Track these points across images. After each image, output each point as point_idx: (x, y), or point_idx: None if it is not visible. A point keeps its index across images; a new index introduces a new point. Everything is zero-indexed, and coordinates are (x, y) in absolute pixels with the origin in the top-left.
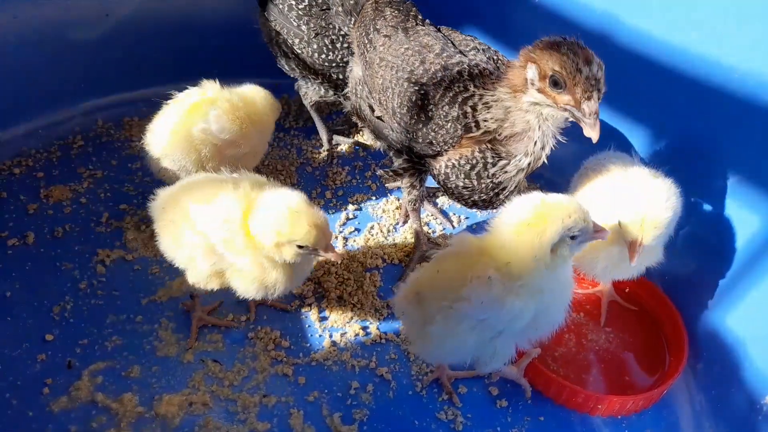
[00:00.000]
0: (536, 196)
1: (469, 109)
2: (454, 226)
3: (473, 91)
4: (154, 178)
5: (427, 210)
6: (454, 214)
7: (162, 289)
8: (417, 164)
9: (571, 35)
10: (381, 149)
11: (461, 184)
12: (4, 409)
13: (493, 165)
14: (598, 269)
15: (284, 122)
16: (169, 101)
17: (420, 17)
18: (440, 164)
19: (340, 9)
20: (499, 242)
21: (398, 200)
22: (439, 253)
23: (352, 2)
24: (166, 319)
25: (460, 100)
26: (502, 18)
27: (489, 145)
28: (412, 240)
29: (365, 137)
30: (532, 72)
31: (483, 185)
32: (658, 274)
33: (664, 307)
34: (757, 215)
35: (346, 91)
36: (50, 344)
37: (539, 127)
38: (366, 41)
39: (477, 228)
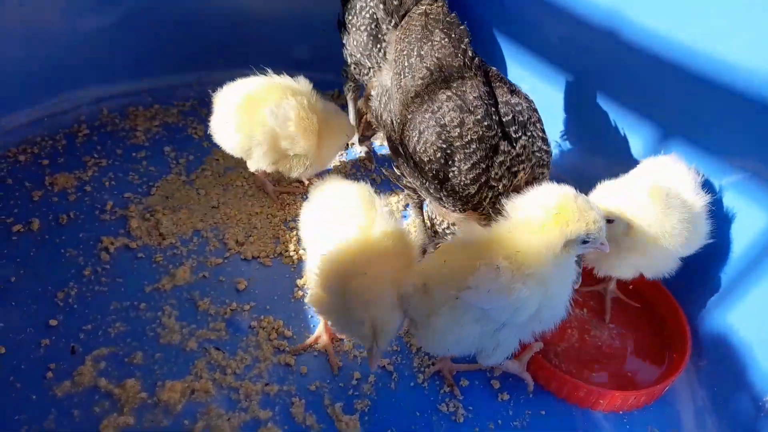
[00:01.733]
0: (570, 191)
1: (485, 195)
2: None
3: (498, 186)
4: (158, 168)
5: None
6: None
7: (166, 278)
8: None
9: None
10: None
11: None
12: (8, 393)
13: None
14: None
15: None
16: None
17: (470, 53)
18: (444, 219)
19: (381, 7)
20: (509, 226)
21: (402, 193)
22: (447, 242)
23: (396, 2)
24: (169, 306)
25: (482, 180)
26: (510, 15)
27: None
28: (416, 234)
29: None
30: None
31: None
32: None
33: (668, 304)
34: (762, 214)
35: (370, 92)
36: (54, 329)
37: None
38: (406, 63)
39: None
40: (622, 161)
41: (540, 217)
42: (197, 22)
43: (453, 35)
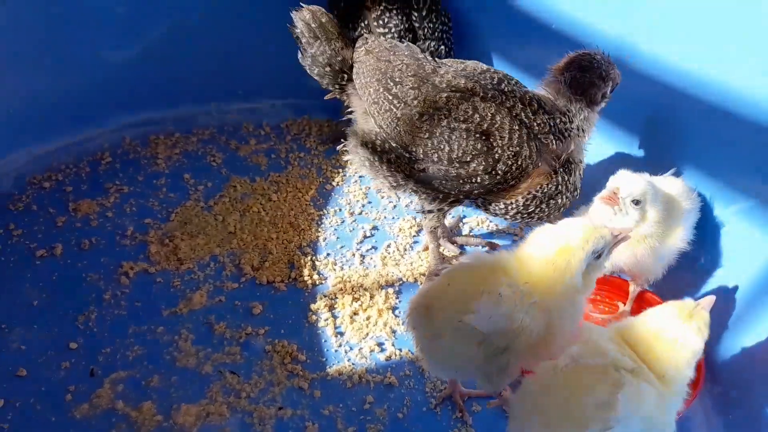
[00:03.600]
0: (549, 234)
1: (537, 146)
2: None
3: (540, 121)
4: (177, 194)
5: (448, 248)
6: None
7: (183, 302)
8: (460, 200)
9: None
10: (407, 194)
11: (539, 208)
12: (28, 414)
13: (572, 174)
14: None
15: (305, 142)
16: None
17: (429, 58)
18: (514, 199)
19: (327, 69)
20: (523, 268)
21: (414, 219)
22: (451, 267)
23: (339, 59)
24: (186, 330)
25: (525, 137)
26: (517, 43)
27: (560, 167)
28: (428, 259)
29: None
30: (606, 86)
31: (566, 199)
32: (674, 297)
33: None
34: None
35: (343, 145)
36: (74, 352)
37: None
38: (390, 96)
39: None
40: None
41: (546, 272)
42: (216, 53)
43: (405, 53)
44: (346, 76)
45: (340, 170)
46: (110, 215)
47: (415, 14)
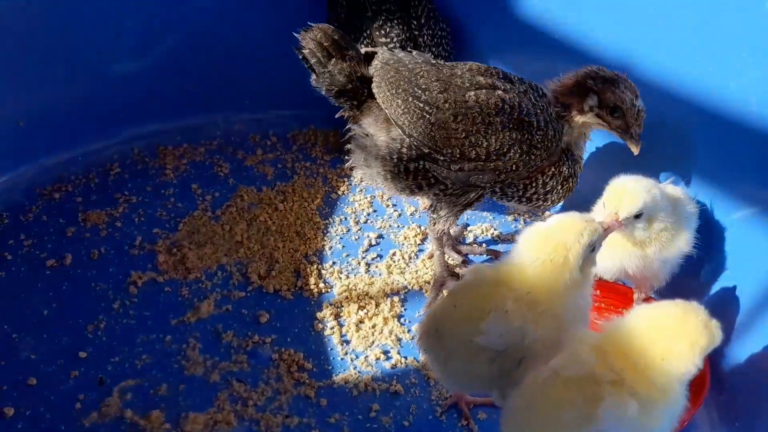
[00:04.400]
0: (541, 232)
1: (563, 126)
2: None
3: (551, 112)
4: (185, 204)
5: (453, 257)
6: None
7: (191, 311)
8: (470, 203)
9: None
10: (423, 206)
11: (554, 191)
12: (37, 423)
13: (577, 163)
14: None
15: (311, 152)
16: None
17: (443, 62)
18: (536, 180)
19: (349, 87)
20: (521, 277)
21: (419, 227)
22: (454, 286)
23: (359, 75)
24: (193, 339)
25: (552, 117)
26: (522, 49)
27: (566, 156)
28: (433, 267)
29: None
30: (592, 100)
31: (573, 184)
32: None
33: None
34: None
35: (351, 163)
36: (83, 361)
37: (583, 137)
38: (420, 104)
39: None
40: None
41: (542, 271)
42: (224, 65)
43: (419, 60)
44: (366, 91)
45: (346, 179)
46: (119, 225)
47: (414, 22)
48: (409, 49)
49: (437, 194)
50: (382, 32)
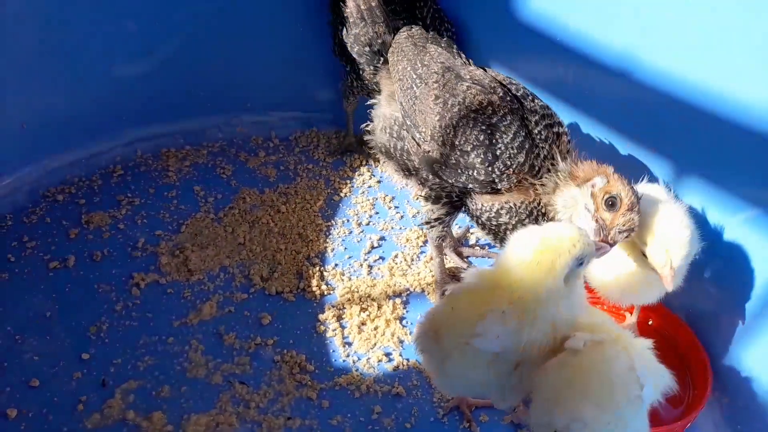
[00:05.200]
0: (535, 233)
1: (537, 162)
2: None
3: (547, 148)
4: (187, 206)
5: (454, 260)
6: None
7: (193, 313)
8: (455, 203)
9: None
10: (411, 187)
11: (509, 223)
12: (40, 424)
13: (544, 217)
14: (619, 294)
15: (314, 154)
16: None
17: (464, 56)
18: (493, 203)
19: (366, 49)
20: (508, 278)
21: (421, 229)
22: (452, 289)
23: (380, 42)
24: (196, 341)
25: (527, 146)
26: (523, 53)
27: (540, 201)
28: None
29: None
30: (601, 179)
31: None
32: (682, 307)
33: (688, 340)
34: None
35: (368, 125)
36: (86, 363)
37: (565, 209)
38: (414, 76)
39: None
40: None
41: (528, 273)
42: (226, 68)
43: (442, 45)
44: (382, 58)
45: (348, 181)
46: (122, 227)
47: (420, 23)
48: (441, 35)
49: (424, 181)
50: None
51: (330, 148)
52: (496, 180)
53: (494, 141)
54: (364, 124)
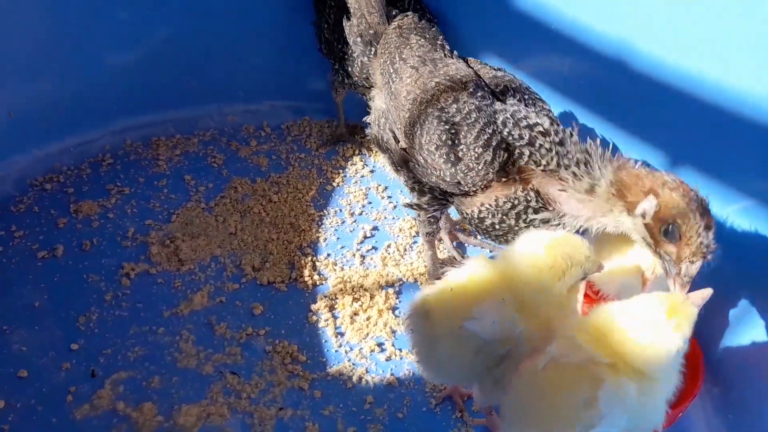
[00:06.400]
0: (551, 237)
1: (504, 156)
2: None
3: (518, 142)
4: (178, 195)
5: (446, 242)
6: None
7: (184, 303)
8: (441, 200)
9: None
10: (402, 181)
11: (496, 223)
12: (29, 415)
13: (535, 212)
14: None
15: (306, 143)
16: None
17: (447, 47)
18: (472, 208)
19: (358, 40)
20: (515, 273)
21: (414, 219)
22: (453, 272)
23: (372, 32)
24: (186, 331)
25: (495, 144)
26: (517, 45)
27: (535, 192)
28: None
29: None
30: (649, 204)
31: (518, 228)
32: None
33: None
34: None
35: (366, 119)
36: (75, 353)
37: (587, 222)
38: (391, 70)
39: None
40: None
41: (536, 274)
42: (217, 56)
43: (428, 36)
44: (374, 49)
45: (341, 171)
46: (111, 216)
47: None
48: (433, 22)
49: (409, 177)
50: None
51: (322, 138)
52: (461, 182)
53: (456, 141)
54: (366, 117)
